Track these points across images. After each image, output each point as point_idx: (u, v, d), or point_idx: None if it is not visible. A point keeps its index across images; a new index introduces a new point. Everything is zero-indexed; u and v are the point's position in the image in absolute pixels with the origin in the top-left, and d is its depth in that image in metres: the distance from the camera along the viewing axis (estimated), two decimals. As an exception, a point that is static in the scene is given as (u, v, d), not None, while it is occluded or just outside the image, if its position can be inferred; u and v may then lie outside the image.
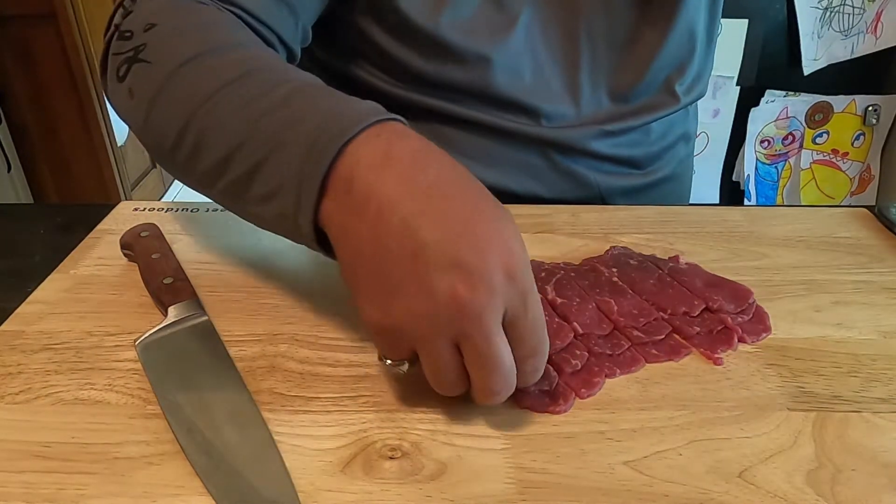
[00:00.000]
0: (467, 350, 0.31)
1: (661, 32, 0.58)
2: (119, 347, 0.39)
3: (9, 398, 0.36)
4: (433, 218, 0.31)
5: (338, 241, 0.33)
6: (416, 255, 0.30)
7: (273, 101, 0.36)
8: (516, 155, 0.60)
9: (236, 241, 0.51)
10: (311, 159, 0.33)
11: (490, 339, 0.30)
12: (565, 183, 0.61)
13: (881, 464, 0.32)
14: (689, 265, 0.47)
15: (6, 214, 0.59)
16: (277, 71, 0.39)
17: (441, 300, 0.30)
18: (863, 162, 1.78)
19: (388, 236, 0.31)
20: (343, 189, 0.32)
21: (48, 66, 1.73)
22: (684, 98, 0.62)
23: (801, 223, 0.54)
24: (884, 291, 0.45)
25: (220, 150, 0.37)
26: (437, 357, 0.31)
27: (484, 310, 0.30)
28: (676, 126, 0.66)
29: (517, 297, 0.31)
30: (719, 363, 0.38)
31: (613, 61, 0.59)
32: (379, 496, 0.30)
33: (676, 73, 0.61)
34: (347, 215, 0.32)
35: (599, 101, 0.60)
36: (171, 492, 0.30)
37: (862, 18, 1.61)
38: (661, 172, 0.66)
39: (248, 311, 0.43)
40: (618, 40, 0.59)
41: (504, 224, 0.32)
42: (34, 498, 0.30)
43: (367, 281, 0.32)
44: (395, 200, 0.31)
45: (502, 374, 0.31)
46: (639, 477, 0.31)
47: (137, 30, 0.43)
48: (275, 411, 0.35)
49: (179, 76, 0.40)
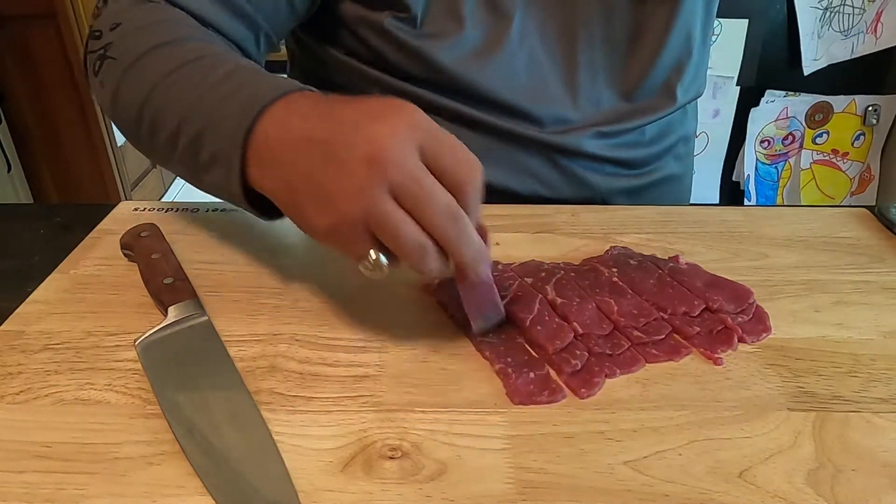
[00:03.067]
0: (406, 200, 0.33)
1: (662, 32, 0.58)
2: (119, 347, 0.39)
3: (9, 398, 0.36)
4: (332, 122, 0.35)
5: (273, 193, 0.38)
6: (326, 154, 0.34)
7: (215, 79, 0.41)
8: (518, 155, 0.60)
9: (236, 241, 0.51)
10: (234, 131, 0.38)
11: (416, 176, 0.33)
12: (567, 183, 0.61)
13: (881, 464, 0.32)
14: (689, 265, 0.47)
15: (6, 214, 0.59)
16: (225, 56, 0.44)
17: (361, 171, 0.33)
18: (863, 162, 1.78)
19: (305, 157, 0.35)
20: (262, 150, 0.37)
21: (48, 66, 1.73)
22: (682, 98, 0.62)
23: (801, 223, 0.54)
24: (884, 291, 0.45)
25: (171, 123, 0.42)
26: (390, 222, 0.33)
27: (398, 154, 0.33)
28: (675, 127, 0.66)
29: (425, 134, 0.34)
30: (719, 363, 0.38)
31: (616, 62, 0.59)
32: (379, 496, 0.30)
33: (675, 73, 0.61)
34: (269, 169, 0.37)
35: (598, 101, 0.60)
36: (171, 492, 0.30)
37: (862, 18, 1.61)
38: (660, 173, 0.66)
39: (248, 311, 0.43)
40: (618, 40, 0.58)
41: (397, 101, 0.35)
42: (34, 498, 0.30)
43: (306, 202, 0.36)
44: (302, 131, 0.36)
45: (441, 209, 0.33)
46: (639, 477, 0.31)
47: (105, 29, 0.48)
48: (275, 411, 0.35)
49: (139, 65, 0.44)
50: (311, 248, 0.50)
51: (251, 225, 0.53)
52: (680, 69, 0.61)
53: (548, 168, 0.60)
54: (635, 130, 0.62)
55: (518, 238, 0.52)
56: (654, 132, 0.64)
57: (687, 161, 0.71)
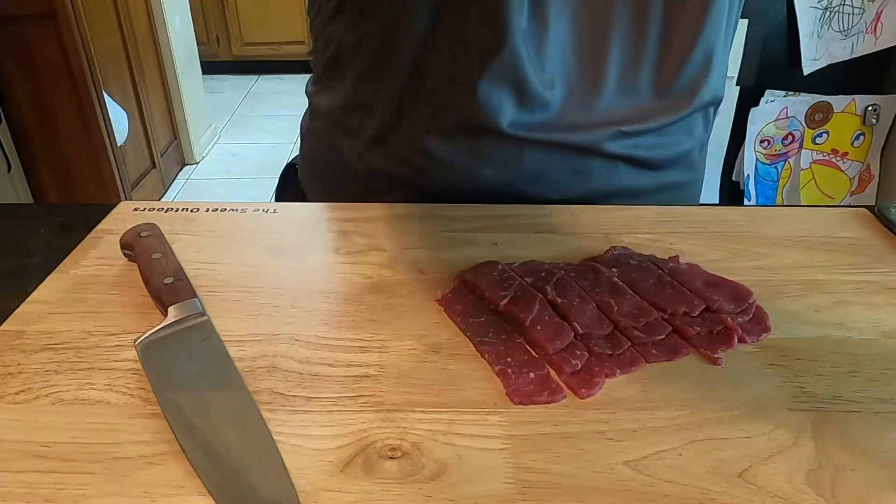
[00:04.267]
0: None
1: (693, 30, 0.57)
2: (119, 347, 0.39)
3: (9, 398, 0.36)
4: None
5: None
6: None
7: None
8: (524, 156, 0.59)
9: (236, 241, 0.51)
10: None
11: None
12: (576, 183, 0.61)
13: (881, 464, 0.32)
14: (689, 265, 0.47)
15: (6, 214, 0.59)
16: None
17: None
18: (863, 162, 1.78)
19: None
20: None
21: (48, 66, 1.73)
22: (706, 97, 0.61)
23: (801, 223, 0.54)
24: (884, 291, 0.45)
25: None
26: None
27: None
28: (694, 131, 0.65)
29: None
30: (719, 363, 0.38)
31: (647, 60, 0.58)
32: (379, 496, 0.30)
33: (703, 72, 0.60)
34: None
35: (622, 98, 0.59)
36: (171, 492, 0.30)
37: (862, 18, 1.61)
38: (671, 177, 0.65)
39: (248, 311, 0.43)
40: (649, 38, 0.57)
41: None
42: (34, 498, 0.30)
43: None
44: None
45: None
46: (639, 477, 0.31)
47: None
48: (275, 411, 0.35)
49: None
50: (312, 248, 0.51)
51: (251, 225, 0.53)
52: (706, 71, 0.60)
53: (558, 170, 0.60)
54: (657, 131, 0.61)
55: (518, 238, 0.52)
56: (673, 135, 0.63)
57: (700, 168, 0.70)
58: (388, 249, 0.50)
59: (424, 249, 0.50)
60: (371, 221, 0.54)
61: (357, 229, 0.53)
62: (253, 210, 0.55)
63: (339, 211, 0.56)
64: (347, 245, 0.50)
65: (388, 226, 0.53)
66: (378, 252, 0.50)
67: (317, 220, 0.55)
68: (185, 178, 2.72)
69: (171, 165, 2.63)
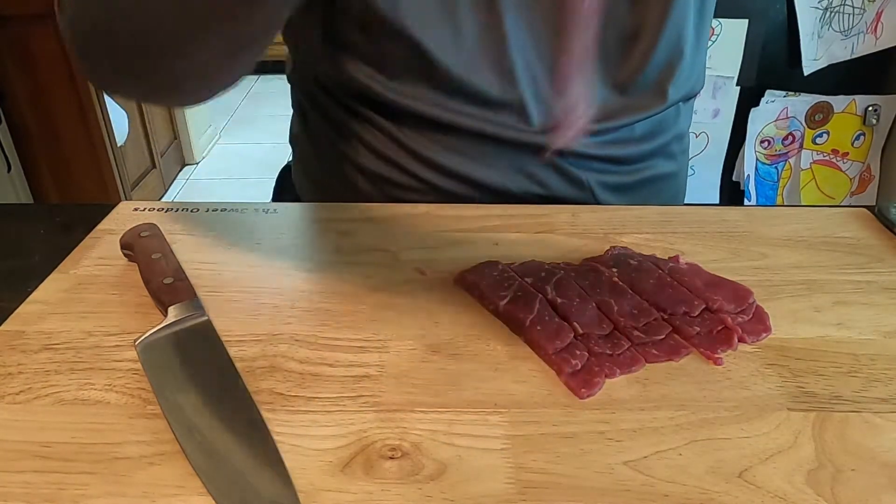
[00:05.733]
0: None
1: (654, 33, 0.58)
2: (119, 347, 0.39)
3: (9, 398, 0.36)
4: None
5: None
6: None
7: None
8: (509, 155, 0.59)
9: (236, 241, 0.51)
10: None
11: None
12: (559, 181, 0.61)
13: (881, 464, 0.32)
14: (689, 265, 0.47)
15: (6, 214, 0.59)
16: None
17: None
18: (863, 162, 1.78)
19: None
20: None
21: (48, 66, 1.73)
22: (673, 97, 0.62)
23: (801, 223, 0.54)
24: (884, 291, 0.45)
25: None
26: None
27: None
28: (668, 125, 0.66)
29: None
30: (719, 363, 0.39)
31: (610, 61, 0.59)
32: (379, 496, 0.30)
33: (667, 73, 0.61)
34: None
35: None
36: (171, 492, 0.30)
37: (862, 18, 1.61)
38: (652, 171, 0.66)
39: (248, 311, 0.43)
40: (612, 39, 0.58)
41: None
42: (34, 498, 0.30)
43: None
44: None
45: None
46: (639, 477, 0.31)
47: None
48: (275, 411, 0.35)
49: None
50: (312, 248, 0.51)
51: (251, 225, 0.53)
52: (671, 69, 0.61)
53: (540, 167, 0.60)
54: (625, 128, 0.62)
55: (518, 238, 0.52)
56: (644, 130, 0.63)
57: (681, 159, 0.71)
58: (388, 249, 0.50)
59: (424, 249, 0.50)
60: (371, 221, 0.54)
61: (357, 229, 0.53)
62: (253, 210, 0.55)
63: (339, 211, 0.56)
64: (347, 245, 0.50)
65: (388, 226, 0.53)
66: (378, 252, 0.50)
67: (317, 220, 0.55)
68: (185, 178, 2.72)
69: (171, 165, 2.63)
